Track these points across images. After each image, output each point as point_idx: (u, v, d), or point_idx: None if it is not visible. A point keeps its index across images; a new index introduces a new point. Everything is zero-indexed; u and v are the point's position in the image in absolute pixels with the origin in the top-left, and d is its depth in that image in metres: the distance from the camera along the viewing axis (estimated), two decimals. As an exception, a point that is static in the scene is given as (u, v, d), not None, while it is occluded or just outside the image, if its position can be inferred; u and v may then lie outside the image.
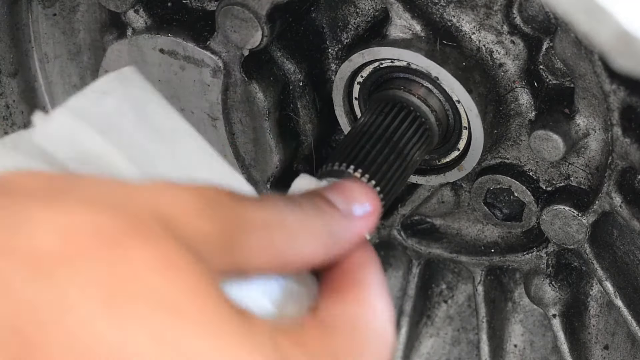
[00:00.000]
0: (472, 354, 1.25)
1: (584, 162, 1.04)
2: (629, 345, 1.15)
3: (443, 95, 1.00)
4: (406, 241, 1.19)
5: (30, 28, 1.20)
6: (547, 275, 1.13)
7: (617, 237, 1.09)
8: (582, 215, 1.04)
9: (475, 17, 1.00)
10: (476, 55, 1.00)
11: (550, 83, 1.02)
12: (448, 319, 1.25)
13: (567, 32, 0.94)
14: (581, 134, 1.00)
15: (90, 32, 1.19)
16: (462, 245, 1.18)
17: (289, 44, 1.07)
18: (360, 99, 1.05)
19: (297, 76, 1.07)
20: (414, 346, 1.26)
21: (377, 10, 1.04)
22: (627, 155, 0.97)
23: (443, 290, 1.25)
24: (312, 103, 1.09)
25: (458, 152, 1.04)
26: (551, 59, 1.01)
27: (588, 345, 1.16)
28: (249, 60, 1.04)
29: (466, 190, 1.13)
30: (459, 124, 1.02)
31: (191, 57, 1.05)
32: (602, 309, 1.16)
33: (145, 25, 1.08)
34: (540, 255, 1.12)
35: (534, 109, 1.02)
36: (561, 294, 1.13)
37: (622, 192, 1.01)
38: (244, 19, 1.00)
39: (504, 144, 1.06)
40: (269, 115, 1.07)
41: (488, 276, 1.17)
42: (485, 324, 1.18)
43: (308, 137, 1.10)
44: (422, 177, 1.08)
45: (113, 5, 1.08)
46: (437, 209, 1.16)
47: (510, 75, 1.01)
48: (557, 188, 1.07)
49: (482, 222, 1.15)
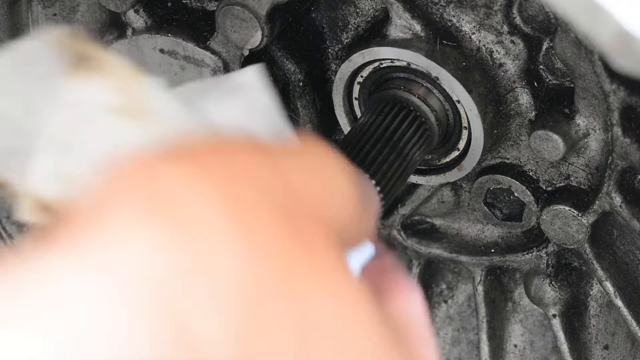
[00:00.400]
0: (472, 354, 1.25)
1: (584, 162, 1.04)
2: (629, 345, 1.15)
3: (443, 95, 1.00)
4: (406, 241, 1.19)
5: (30, 28, 1.20)
6: (547, 275, 1.13)
7: (617, 237, 1.09)
8: (582, 215, 1.04)
9: (475, 17, 1.00)
10: (476, 55, 1.00)
11: (550, 83, 1.02)
12: (448, 319, 1.25)
13: (567, 32, 0.94)
14: (581, 134, 1.00)
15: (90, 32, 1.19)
16: (462, 245, 1.18)
17: (289, 44, 1.07)
18: (360, 99, 1.05)
19: (297, 76, 1.07)
20: (414, 346, 1.26)
21: (377, 10, 1.04)
22: (627, 155, 0.97)
23: (443, 290, 1.25)
24: (312, 103, 1.09)
25: (458, 152, 1.04)
26: (551, 59, 1.01)
27: (588, 345, 1.16)
28: (249, 60, 1.04)
29: (466, 190, 1.13)
30: (459, 124, 1.02)
31: (191, 57, 1.05)
32: (602, 309, 1.15)
33: (145, 25, 1.08)
34: (540, 255, 1.12)
35: (534, 109, 1.02)
36: (561, 294, 1.13)
37: (622, 192, 1.01)
38: (244, 19, 1.00)
39: (504, 144, 1.06)
40: (269, 115, 1.07)
41: (488, 276, 1.17)
42: (485, 324, 1.18)
43: (308, 137, 1.10)
44: (422, 177, 1.08)
45: (113, 5, 1.08)
46: (437, 209, 1.16)
47: (510, 75, 1.01)
48: (557, 188, 1.07)
49: (482, 222, 1.15)
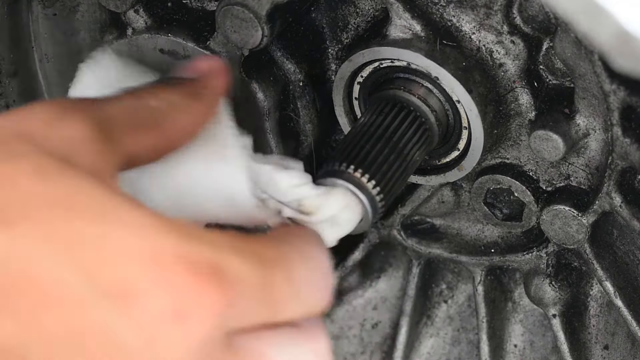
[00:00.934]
0: (472, 354, 1.25)
1: (584, 162, 1.04)
2: (629, 345, 1.15)
3: (443, 95, 1.00)
4: (406, 241, 1.19)
5: (30, 28, 1.20)
6: (547, 275, 1.13)
7: (617, 237, 1.09)
8: (582, 215, 1.04)
9: (475, 17, 1.00)
10: (476, 55, 1.00)
11: (550, 83, 1.02)
12: (448, 319, 1.25)
13: (567, 32, 0.94)
14: (581, 134, 1.00)
15: (90, 32, 1.19)
16: (462, 245, 1.18)
17: (289, 44, 1.07)
18: (360, 99, 1.05)
19: (297, 76, 1.07)
20: (414, 346, 1.26)
21: (377, 10, 1.04)
22: (627, 155, 0.97)
23: (443, 290, 1.25)
24: (312, 103, 1.09)
25: (458, 152, 1.04)
26: (551, 59, 1.01)
27: (588, 345, 1.16)
28: (249, 60, 1.04)
29: (466, 190, 1.13)
30: (459, 124, 1.02)
31: (191, 57, 1.05)
32: (602, 309, 1.15)
33: (145, 25, 1.08)
34: (540, 255, 1.12)
35: (534, 109, 1.02)
36: (561, 294, 1.13)
37: (622, 192, 1.01)
38: (244, 19, 1.00)
39: (504, 144, 1.06)
40: (269, 115, 1.07)
41: (488, 276, 1.17)
42: (485, 324, 1.18)
43: (308, 137, 1.10)
44: (422, 177, 1.08)
45: (113, 5, 1.08)
46: (437, 209, 1.16)
47: (510, 75, 1.01)
48: (557, 188, 1.07)
49: (482, 222, 1.15)
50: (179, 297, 0.62)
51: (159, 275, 0.61)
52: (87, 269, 0.60)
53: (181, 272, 0.62)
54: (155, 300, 0.61)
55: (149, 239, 0.62)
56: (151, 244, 0.62)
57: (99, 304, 0.60)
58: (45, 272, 0.60)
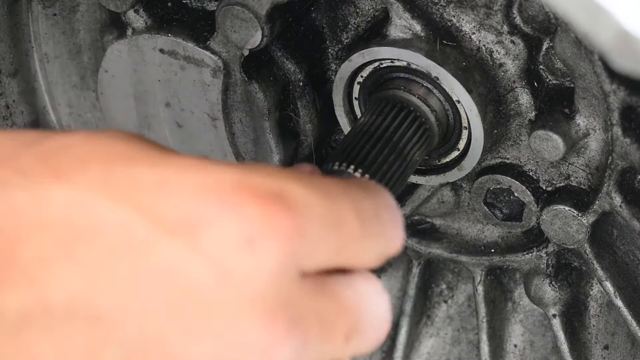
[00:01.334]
0: (472, 354, 1.25)
1: (584, 162, 1.04)
2: (629, 345, 1.15)
3: (443, 95, 1.00)
4: (406, 241, 1.19)
5: (30, 28, 1.20)
6: (547, 275, 1.13)
7: (617, 237, 1.09)
8: (582, 215, 1.04)
9: (475, 17, 1.00)
10: (476, 55, 1.00)
11: (550, 83, 1.02)
12: (448, 319, 1.25)
13: (567, 32, 0.94)
14: (581, 134, 1.00)
15: (90, 32, 1.19)
16: (462, 245, 1.18)
17: (289, 44, 1.07)
18: (360, 99, 1.05)
19: (297, 76, 1.07)
20: (414, 346, 1.26)
21: (377, 10, 1.04)
22: (627, 155, 0.97)
23: (443, 290, 1.25)
24: (312, 103, 1.09)
25: (458, 152, 1.04)
26: (551, 59, 1.01)
27: (588, 345, 1.16)
28: (249, 60, 1.04)
29: (466, 190, 1.13)
30: (459, 124, 1.02)
31: (191, 57, 1.05)
32: (602, 309, 1.15)
33: (145, 25, 1.08)
34: (540, 255, 1.12)
35: (534, 109, 1.02)
36: (561, 294, 1.13)
37: (622, 192, 1.01)
38: (244, 19, 1.00)
39: (504, 144, 1.06)
40: (269, 115, 1.07)
41: (488, 276, 1.17)
42: (485, 324, 1.18)
43: (308, 137, 1.10)
44: (422, 177, 1.08)
45: (113, 5, 1.08)
46: (437, 209, 1.16)
47: (510, 75, 1.01)
48: (557, 188, 1.07)
49: (482, 222, 1.15)
50: (247, 223, 0.59)
51: (223, 204, 0.59)
52: (149, 210, 0.59)
53: (246, 198, 0.60)
54: (222, 229, 0.59)
55: (208, 174, 0.60)
56: (212, 178, 0.60)
57: (167, 243, 0.58)
58: (107, 220, 0.58)
